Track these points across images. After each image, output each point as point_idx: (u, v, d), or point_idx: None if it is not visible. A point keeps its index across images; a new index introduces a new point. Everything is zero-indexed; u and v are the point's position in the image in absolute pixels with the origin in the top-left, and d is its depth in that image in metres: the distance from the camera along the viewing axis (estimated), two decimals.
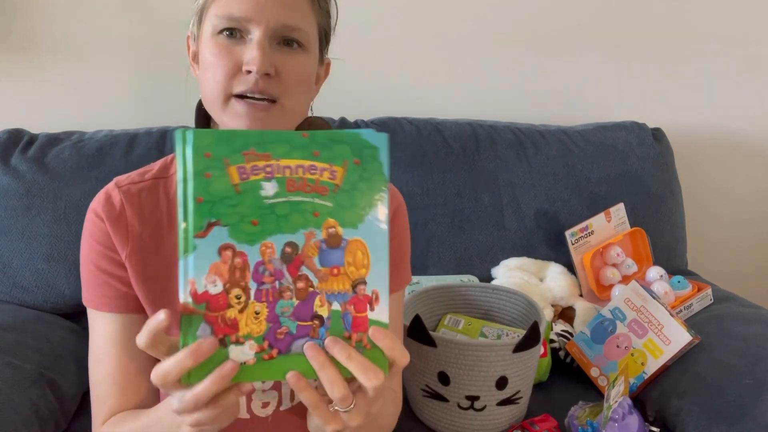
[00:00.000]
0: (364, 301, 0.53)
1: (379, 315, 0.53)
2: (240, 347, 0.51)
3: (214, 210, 0.50)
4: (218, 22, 0.66)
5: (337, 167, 0.52)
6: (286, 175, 0.52)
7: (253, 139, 0.51)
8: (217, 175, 0.50)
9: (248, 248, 0.51)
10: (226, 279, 0.51)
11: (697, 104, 1.71)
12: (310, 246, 0.52)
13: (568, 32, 1.61)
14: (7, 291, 1.22)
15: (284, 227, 0.51)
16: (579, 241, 1.41)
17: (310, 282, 0.52)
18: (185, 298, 0.50)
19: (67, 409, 1.07)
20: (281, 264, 0.52)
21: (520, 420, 1.08)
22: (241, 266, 0.51)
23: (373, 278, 0.53)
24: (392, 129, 1.43)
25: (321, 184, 0.52)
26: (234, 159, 0.51)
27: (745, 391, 1.02)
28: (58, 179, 1.23)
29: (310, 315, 0.52)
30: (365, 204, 0.53)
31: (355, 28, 1.51)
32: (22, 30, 1.41)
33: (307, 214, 0.52)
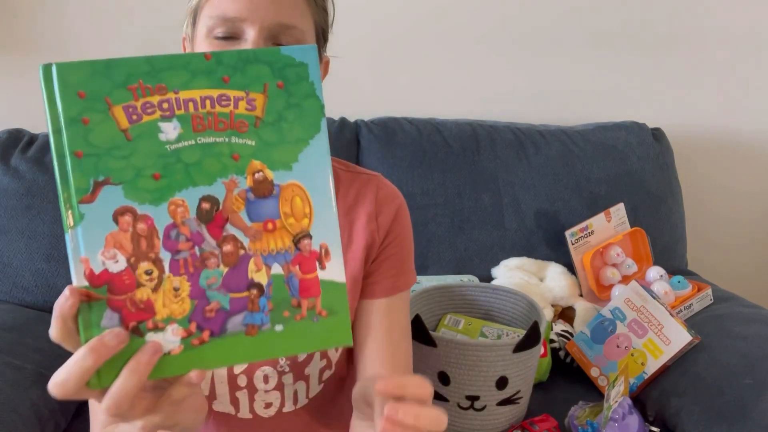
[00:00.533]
0: (312, 258, 0.43)
1: (332, 273, 0.43)
2: (161, 334, 0.42)
3: (101, 165, 0.40)
4: (212, 23, 0.65)
5: (256, 94, 0.42)
6: (191, 110, 0.41)
7: (140, 68, 0.41)
8: (98, 120, 0.40)
9: (153, 209, 0.41)
10: (129, 252, 0.41)
11: (697, 104, 1.71)
12: (234, 198, 0.42)
13: (569, 32, 1.61)
14: (7, 291, 1.23)
15: (197, 178, 0.41)
16: (579, 241, 1.41)
17: (240, 243, 0.42)
18: (80, 282, 0.40)
19: (67, 409, 1.07)
20: (198, 224, 0.42)
21: (520, 420, 1.08)
22: (147, 233, 0.41)
23: (319, 229, 0.43)
24: (392, 129, 1.43)
25: (238, 118, 0.42)
26: (118, 96, 0.40)
27: (745, 391, 1.02)
28: None
29: (245, 284, 0.43)
30: (298, 137, 0.42)
31: (356, 28, 1.52)
32: (22, 30, 1.41)
33: (224, 158, 0.42)
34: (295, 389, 0.78)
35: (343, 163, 0.82)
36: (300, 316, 0.44)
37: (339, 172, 0.80)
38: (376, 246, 0.77)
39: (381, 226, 0.77)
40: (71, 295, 0.40)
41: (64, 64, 0.39)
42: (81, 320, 0.41)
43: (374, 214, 0.77)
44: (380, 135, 1.42)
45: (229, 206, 0.42)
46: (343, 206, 0.77)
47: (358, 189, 0.78)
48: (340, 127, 1.43)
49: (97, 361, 0.40)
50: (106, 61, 0.40)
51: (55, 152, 0.41)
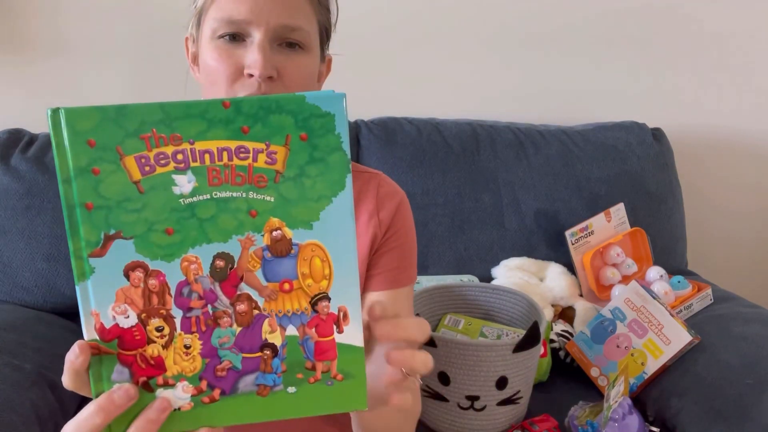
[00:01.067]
0: (329, 321, 0.42)
1: (349, 337, 0.42)
2: (171, 390, 0.41)
3: (112, 218, 0.39)
4: (217, 26, 0.65)
5: (277, 146, 0.39)
6: (207, 163, 0.39)
7: (154, 115, 0.38)
8: (108, 171, 0.38)
9: (165, 265, 0.40)
10: (140, 308, 0.40)
11: (697, 104, 1.71)
12: (250, 256, 0.40)
13: (569, 32, 1.61)
14: (7, 291, 1.23)
15: (211, 234, 0.40)
16: (579, 241, 1.41)
17: (254, 302, 0.41)
18: (90, 335, 0.40)
19: (67, 409, 1.07)
20: (212, 282, 0.40)
21: (520, 420, 1.08)
22: (159, 289, 0.40)
23: (339, 291, 0.41)
24: (392, 129, 1.43)
25: (256, 172, 0.39)
26: (130, 146, 0.38)
27: (745, 391, 1.02)
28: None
29: (258, 344, 0.42)
30: (320, 194, 0.40)
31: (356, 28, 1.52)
32: (22, 30, 1.41)
33: (240, 214, 0.40)
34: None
35: None
36: (314, 379, 0.43)
37: None
38: (377, 241, 0.77)
39: (382, 222, 0.77)
40: (81, 352, 0.40)
41: (73, 109, 0.38)
42: (92, 373, 0.41)
43: (375, 211, 0.77)
44: (380, 135, 1.42)
45: (244, 265, 0.41)
46: None
47: (360, 187, 0.79)
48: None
49: (105, 419, 0.40)
50: (118, 108, 0.38)
51: (65, 202, 0.39)
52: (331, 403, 0.43)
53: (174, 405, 0.42)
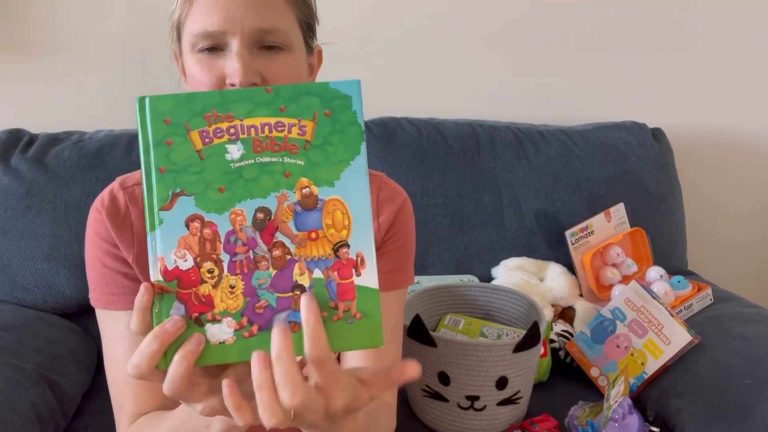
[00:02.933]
0: (349, 265, 0.48)
1: (366, 280, 0.48)
2: (217, 325, 0.48)
3: (179, 179, 0.47)
4: (195, 40, 0.65)
5: (307, 121, 0.48)
6: (252, 135, 0.48)
7: (214, 99, 0.48)
8: (178, 142, 0.47)
9: (217, 217, 0.47)
10: (196, 252, 0.47)
11: (697, 104, 1.71)
12: (284, 209, 0.48)
13: (568, 32, 1.61)
14: (7, 291, 1.22)
15: (254, 191, 0.48)
16: (579, 241, 1.41)
17: (287, 249, 0.48)
18: (156, 276, 0.47)
19: (67, 409, 1.07)
20: (254, 231, 0.48)
21: (520, 420, 1.08)
22: (212, 237, 0.47)
23: (356, 239, 0.48)
24: (392, 129, 1.43)
25: (290, 141, 0.48)
26: (195, 123, 0.48)
27: (745, 391, 1.02)
28: (58, 179, 1.23)
29: (290, 285, 0.48)
30: (340, 158, 0.48)
31: (356, 28, 1.52)
32: (22, 30, 1.41)
33: (277, 175, 0.48)
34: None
35: None
36: (337, 317, 0.48)
37: None
38: (377, 245, 0.77)
39: (381, 226, 0.77)
40: (146, 291, 0.47)
41: (156, 96, 0.47)
42: (155, 310, 0.47)
43: (375, 215, 0.77)
44: (380, 135, 1.42)
45: (279, 217, 0.48)
46: None
47: None
48: None
49: (161, 345, 0.46)
50: (188, 94, 0.48)
51: (144, 168, 0.47)
52: (352, 340, 0.48)
53: (220, 338, 0.48)
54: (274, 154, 0.48)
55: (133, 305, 0.66)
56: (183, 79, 0.73)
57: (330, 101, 0.48)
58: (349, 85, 0.49)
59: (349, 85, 0.49)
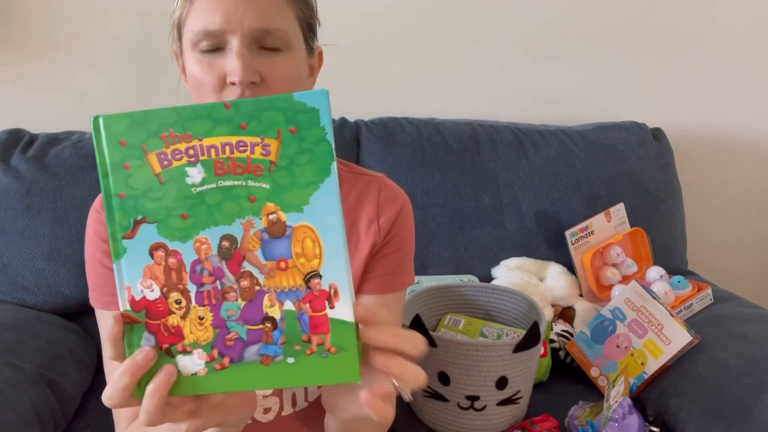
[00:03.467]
0: (321, 297, 0.45)
1: (340, 312, 0.45)
2: (188, 357, 0.46)
3: (139, 205, 0.45)
4: (195, 39, 0.65)
5: (270, 140, 0.44)
6: (212, 156, 0.45)
7: (170, 118, 0.45)
8: (136, 165, 0.45)
9: (181, 246, 0.45)
10: (162, 282, 0.46)
11: (697, 104, 1.71)
12: (250, 237, 0.45)
13: (569, 32, 1.61)
14: (7, 291, 1.23)
15: (218, 218, 0.45)
16: (579, 241, 1.41)
17: (255, 279, 0.46)
18: (124, 306, 0.46)
19: (67, 409, 1.07)
20: (219, 261, 0.46)
21: (520, 420, 1.08)
22: (177, 267, 0.46)
23: (329, 269, 0.45)
24: (392, 129, 1.43)
25: (254, 163, 0.45)
26: (152, 144, 0.45)
27: (745, 391, 1.02)
28: (58, 179, 1.23)
29: (260, 317, 0.46)
30: (309, 181, 0.44)
31: (356, 28, 1.52)
32: (22, 31, 1.41)
33: (241, 200, 0.45)
34: (293, 393, 0.78)
35: (346, 163, 0.81)
36: (310, 351, 0.46)
37: (341, 172, 0.79)
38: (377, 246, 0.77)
39: (382, 228, 0.77)
40: (116, 322, 0.46)
41: (109, 116, 0.45)
42: (126, 340, 0.46)
43: (375, 217, 0.77)
44: (380, 135, 1.42)
45: (246, 245, 0.45)
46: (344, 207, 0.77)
47: (360, 190, 0.78)
48: (340, 127, 1.43)
49: (132, 378, 0.45)
50: (143, 113, 0.45)
51: (104, 192, 0.46)
52: (326, 375, 0.46)
53: (191, 370, 0.46)
54: (236, 177, 0.45)
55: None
56: (183, 79, 0.73)
57: (295, 116, 0.44)
58: (315, 97, 0.44)
59: (315, 96, 0.44)
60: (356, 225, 0.77)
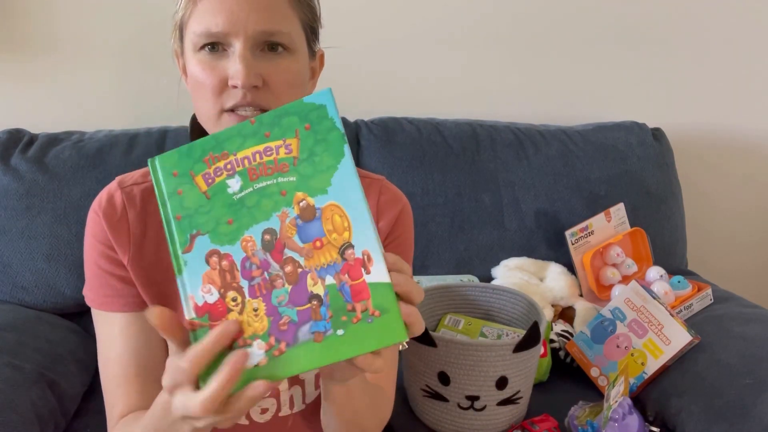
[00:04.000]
0: (357, 265, 0.48)
1: (377, 276, 0.48)
2: (249, 350, 0.49)
3: (193, 222, 0.51)
4: (198, 40, 0.65)
5: (291, 140, 0.51)
6: (246, 165, 0.51)
7: (209, 144, 0.52)
8: (187, 189, 0.52)
9: (231, 248, 0.50)
10: (219, 285, 0.50)
11: (697, 104, 1.71)
12: (287, 226, 0.50)
13: (569, 32, 1.61)
14: (7, 291, 1.23)
15: (258, 216, 0.50)
16: (579, 241, 1.41)
17: (297, 262, 0.49)
18: (189, 315, 0.50)
19: (67, 409, 1.07)
20: (264, 253, 0.50)
21: (520, 420, 1.08)
22: (229, 267, 0.50)
23: (359, 238, 0.49)
24: (392, 129, 1.43)
25: (280, 162, 0.50)
26: (198, 168, 0.52)
27: (745, 391, 1.02)
28: (58, 179, 1.23)
29: (306, 297, 0.49)
30: (328, 165, 0.50)
31: (356, 28, 1.52)
32: (22, 31, 1.41)
33: (275, 196, 0.50)
34: (291, 394, 0.78)
35: None
36: (356, 319, 0.48)
37: None
38: None
39: (382, 230, 0.77)
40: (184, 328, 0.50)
41: (163, 155, 0.53)
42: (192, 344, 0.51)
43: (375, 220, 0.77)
44: (380, 135, 1.42)
45: (284, 234, 0.50)
46: None
47: None
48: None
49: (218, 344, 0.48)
50: (188, 146, 0.52)
51: (164, 219, 0.52)
52: (376, 339, 0.48)
53: (253, 361, 0.49)
54: (268, 177, 0.50)
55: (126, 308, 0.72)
56: (183, 79, 0.73)
57: (307, 115, 0.51)
58: (321, 96, 0.51)
59: (321, 95, 0.51)
60: None
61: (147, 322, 0.72)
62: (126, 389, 0.71)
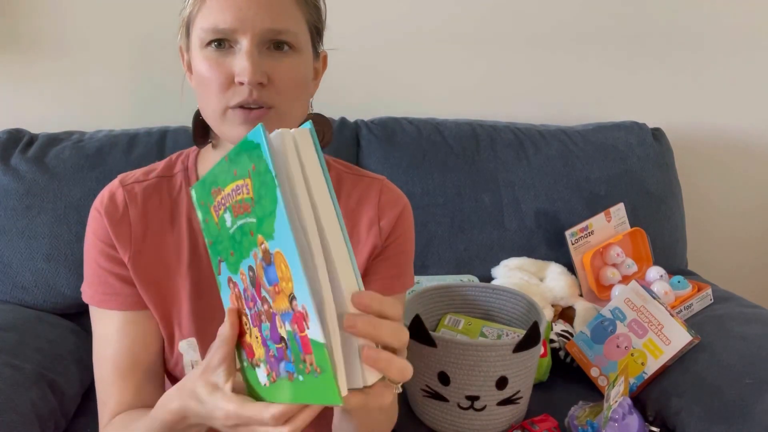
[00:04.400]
0: (300, 318, 0.45)
1: (313, 333, 0.44)
2: (259, 369, 0.52)
3: (216, 249, 0.55)
4: (205, 36, 0.65)
5: (247, 179, 0.48)
6: (230, 202, 0.51)
7: (211, 177, 0.53)
8: (209, 218, 0.55)
9: (236, 277, 0.53)
10: (237, 307, 0.54)
11: (697, 104, 1.71)
12: (259, 266, 0.49)
13: (569, 32, 1.61)
14: (7, 291, 1.22)
15: (243, 252, 0.50)
16: (579, 241, 1.41)
17: (268, 302, 0.48)
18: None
19: (67, 409, 1.07)
20: (252, 288, 0.50)
21: (520, 420, 1.08)
22: (239, 295, 0.53)
23: (298, 291, 0.45)
24: (392, 129, 1.43)
25: (245, 202, 0.49)
26: (211, 200, 0.54)
27: (745, 391, 1.02)
28: (58, 179, 1.23)
29: (279, 337, 0.48)
30: (270, 210, 0.46)
31: (356, 28, 1.52)
32: (22, 31, 1.41)
33: (248, 236, 0.49)
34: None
35: (347, 165, 0.82)
36: (308, 370, 0.46)
37: (342, 174, 0.80)
38: (378, 249, 0.77)
39: (383, 231, 0.77)
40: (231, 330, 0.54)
41: (195, 185, 0.56)
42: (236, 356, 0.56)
43: (376, 219, 0.77)
44: (380, 135, 1.42)
45: (258, 273, 0.49)
46: (345, 208, 0.78)
47: (361, 192, 0.78)
48: (340, 127, 1.43)
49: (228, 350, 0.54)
50: (204, 177, 0.54)
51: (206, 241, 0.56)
52: (321, 394, 0.46)
53: (262, 381, 0.52)
54: (242, 216, 0.50)
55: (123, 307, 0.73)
56: (187, 76, 0.73)
57: (251, 154, 0.47)
58: (256, 133, 0.46)
59: (255, 132, 0.46)
60: (357, 227, 0.77)
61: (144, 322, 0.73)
62: (120, 387, 0.72)
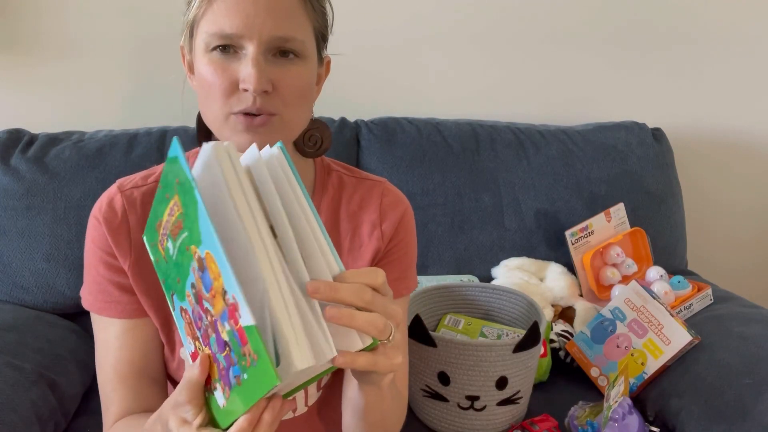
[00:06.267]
0: (233, 309, 0.47)
1: (244, 319, 0.46)
2: (216, 392, 0.52)
3: (168, 284, 0.56)
4: (210, 40, 0.64)
5: (176, 196, 0.51)
6: (168, 228, 0.53)
7: (153, 211, 0.56)
8: (160, 257, 0.56)
9: (184, 303, 0.53)
10: (191, 335, 0.54)
11: (697, 104, 1.71)
12: (198, 279, 0.50)
13: (569, 32, 1.61)
14: (7, 291, 1.23)
15: (184, 273, 0.52)
16: (579, 241, 1.41)
17: (210, 312, 0.50)
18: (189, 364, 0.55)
19: (67, 409, 1.07)
20: (197, 305, 0.51)
21: (520, 420, 1.08)
22: (189, 320, 0.54)
23: (226, 282, 0.47)
24: (392, 129, 1.43)
25: (179, 219, 0.51)
26: (156, 236, 0.55)
27: (745, 391, 1.02)
28: (58, 179, 1.23)
29: (223, 343, 0.49)
30: (195, 214, 0.48)
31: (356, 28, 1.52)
32: (22, 31, 1.41)
33: (185, 253, 0.51)
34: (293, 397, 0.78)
35: (349, 168, 0.81)
36: (248, 363, 0.47)
37: (343, 177, 0.80)
38: (381, 252, 0.77)
39: (385, 234, 0.77)
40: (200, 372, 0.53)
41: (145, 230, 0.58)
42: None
43: (378, 222, 0.77)
44: (380, 135, 1.42)
45: (198, 286, 0.50)
46: (346, 211, 0.77)
47: (363, 195, 0.78)
48: (340, 127, 1.43)
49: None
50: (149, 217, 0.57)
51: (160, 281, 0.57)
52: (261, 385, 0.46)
53: (221, 403, 0.51)
54: (179, 234, 0.51)
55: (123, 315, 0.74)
56: (188, 77, 0.73)
57: (173, 168, 0.50)
58: (173, 147, 0.50)
59: (173, 147, 0.50)
60: (359, 229, 0.77)
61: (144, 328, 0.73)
62: (121, 392, 0.72)
